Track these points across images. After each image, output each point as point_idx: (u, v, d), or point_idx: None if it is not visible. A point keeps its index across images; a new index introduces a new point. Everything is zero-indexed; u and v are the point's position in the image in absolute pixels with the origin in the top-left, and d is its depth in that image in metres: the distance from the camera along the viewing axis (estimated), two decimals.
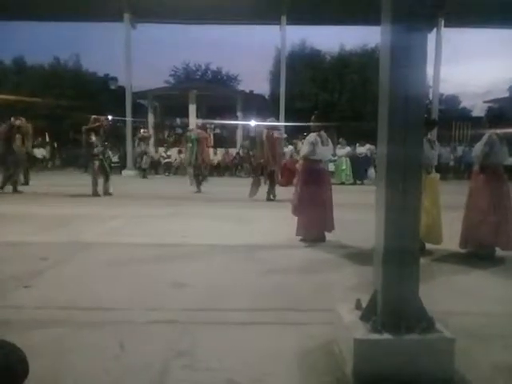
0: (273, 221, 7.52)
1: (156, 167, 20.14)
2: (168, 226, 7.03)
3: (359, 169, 16.03)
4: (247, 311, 3.47)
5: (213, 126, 14.99)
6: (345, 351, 2.58)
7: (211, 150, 16.20)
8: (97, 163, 10.52)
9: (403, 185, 2.46)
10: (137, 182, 16.22)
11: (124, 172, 19.17)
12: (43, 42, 45.06)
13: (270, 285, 4.11)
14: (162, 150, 20.94)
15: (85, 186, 10.87)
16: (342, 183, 15.51)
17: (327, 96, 24.60)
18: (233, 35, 59.87)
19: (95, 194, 10.53)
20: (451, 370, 2.41)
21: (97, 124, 10.68)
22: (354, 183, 15.91)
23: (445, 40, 18.79)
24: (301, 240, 5.88)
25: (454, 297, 3.89)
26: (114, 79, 27.35)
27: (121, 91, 21.80)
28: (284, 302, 3.67)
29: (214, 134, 20.52)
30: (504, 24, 19.96)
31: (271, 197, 10.63)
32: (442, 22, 18.25)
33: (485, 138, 5.27)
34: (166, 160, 20.41)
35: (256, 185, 10.69)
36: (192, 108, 20.84)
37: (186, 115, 20.97)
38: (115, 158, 20.60)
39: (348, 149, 16.11)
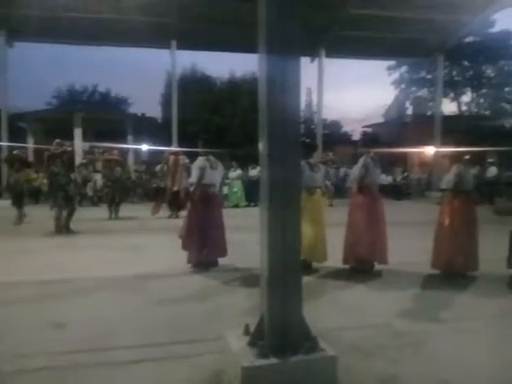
0: (164, 247, 7.25)
1: (37, 195, 18.45)
2: (50, 260, 6.44)
3: (252, 191, 16.40)
4: (135, 348, 3.28)
5: (101, 149, 14.28)
6: (233, 380, 2.52)
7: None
8: (61, 194, 8.92)
9: (283, 206, 2.52)
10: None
11: None
12: None
13: (159, 317, 3.94)
14: (42, 176, 19.34)
15: None
16: (236, 206, 15.71)
17: (219, 120, 25.02)
18: (123, 57, 58.23)
19: (59, 230, 8.79)
20: None
21: (61, 150, 9.16)
22: (248, 205, 16.21)
23: (327, 69, 20.30)
24: (192, 267, 5.76)
25: (338, 312, 4.08)
26: None
27: None
28: (174, 334, 3.54)
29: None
30: (379, 56, 22.33)
31: (173, 216, 11.65)
32: (323, 52, 19.72)
33: (361, 161, 5.69)
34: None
35: (157, 206, 11.76)
36: (77, 131, 19.68)
37: (72, 139, 19.74)
38: None
39: (239, 172, 16.43)
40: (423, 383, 2.78)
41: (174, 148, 14.35)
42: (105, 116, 22.53)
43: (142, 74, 54.57)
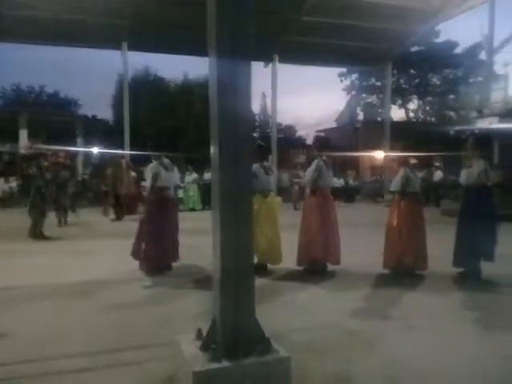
0: (115, 252, 7.00)
1: None
2: None
3: (208, 195, 16.28)
4: (82, 356, 3.15)
5: (50, 152, 13.69)
6: None
7: None
8: (39, 198, 8.55)
9: (234, 209, 2.48)
10: None
11: None
12: None
13: (108, 324, 3.80)
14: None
15: None
16: (192, 209, 15.55)
17: (173, 122, 24.70)
18: (73, 58, 56.26)
19: (33, 235, 8.54)
20: None
21: (35, 151, 8.70)
22: (204, 209, 16.07)
23: (281, 74, 20.50)
24: (145, 271, 5.60)
25: (292, 313, 4.09)
26: None
27: None
28: (123, 340, 3.42)
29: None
30: (331, 63, 22.85)
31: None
32: (277, 58, 19.92)
33: (314, 164, 5.76)
34: None
35: (106, 208, 12.55)
36: (23, 133, 18.83)
37: (17, 140, 18.83)
38: None
39: (195, 175, 16.28)
40: (375, 381, 2.82)
41: (119, 151, 15.51)
42: (53, 117, 21.65)
43: (92, 76, 53.02)
